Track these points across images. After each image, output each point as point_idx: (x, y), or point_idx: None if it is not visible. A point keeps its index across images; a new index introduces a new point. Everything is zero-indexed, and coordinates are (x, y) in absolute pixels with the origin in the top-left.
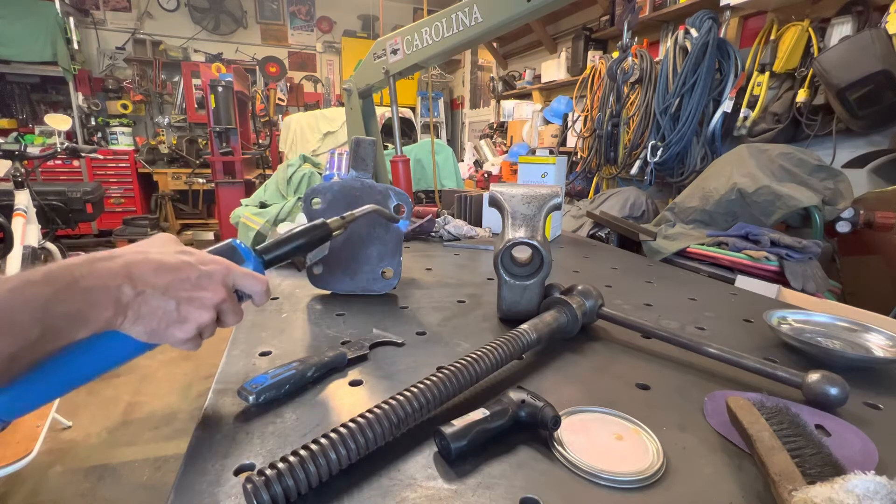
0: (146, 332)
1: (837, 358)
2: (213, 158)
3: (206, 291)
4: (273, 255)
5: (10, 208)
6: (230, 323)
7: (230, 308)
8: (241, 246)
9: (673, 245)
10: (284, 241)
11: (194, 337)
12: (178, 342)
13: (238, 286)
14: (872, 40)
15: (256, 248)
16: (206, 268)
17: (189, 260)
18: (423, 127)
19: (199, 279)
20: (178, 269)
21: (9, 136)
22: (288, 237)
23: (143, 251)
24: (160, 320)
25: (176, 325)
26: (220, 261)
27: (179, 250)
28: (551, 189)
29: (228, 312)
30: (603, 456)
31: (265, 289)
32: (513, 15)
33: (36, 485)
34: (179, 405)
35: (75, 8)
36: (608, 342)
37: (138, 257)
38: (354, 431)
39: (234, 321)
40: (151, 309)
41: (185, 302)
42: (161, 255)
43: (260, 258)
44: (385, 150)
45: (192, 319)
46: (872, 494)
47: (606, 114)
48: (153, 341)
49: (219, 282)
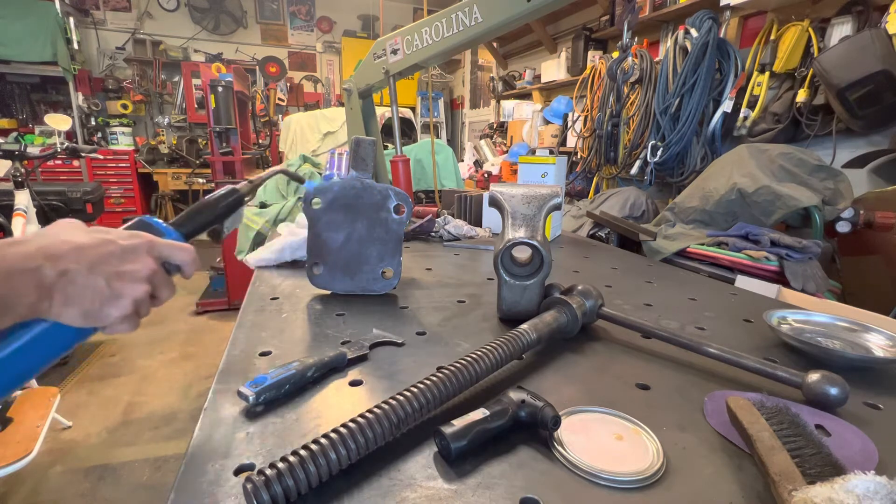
0: (80, 314)
1: (837, 358)
2: (213, 158)
3: (134, 264)
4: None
5: (10, 208)
6: (164, 297)
7: (162, 281)
8: (155, 220)
9: (673, 245)
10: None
11: (132, 314)
12: (115, 322)
13: (165, 258)
14: (872, 40)
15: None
16: (128, 241)
17: (107, 237)
18: (423, 127)
19: (124, 253)
20: (98, 246)
21: (9, 136)
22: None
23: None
24: (92, 299)
25: (111, 303)
26: (141, 234)
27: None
28: (551, 189)
29: (161, 285)
30: (603, 456)
31: (193, 257)
32: (513, 15)
33: (36, 485)
34: (179, 405)
35: (75, 8)
36: (608, 342)
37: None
38: (354, 431)
39: (168, 295)
40: (79, 289)
41: (114, 277)
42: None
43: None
44: (385, 150)
45: (127, 294)
46: (872, 494)
47: (606, 114)
48: (88, 324)
49: (144, 253)
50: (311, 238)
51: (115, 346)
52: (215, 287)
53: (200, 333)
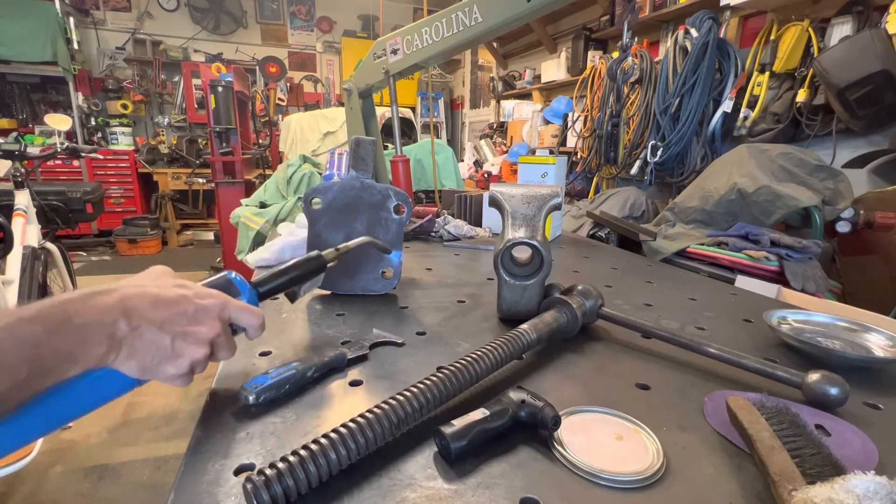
0: (138, 368)
1: (837, 358)
2: (213, 158)
3: (202, 326)
4: (268, 287)
5: (10, 208)
6: (223, 357)
7: (224, 342)
8: (236, 278)
9: (673, 245)
10: (280, 273)
11: (186, 373)
12: (168, 378)
13: (233, 320)
14: (872, 40)
15: (252, 280)
16: (203, 301)
17: (186, 293)
18: (423, 127)
19: (196, 313)
20: (175, 303)
21: (9, 136)
22: (283, 269)
23: (139, 284)
24: (153, 356)
25: (169, 361)
26: (217, 294)
27: (176, 283)
28: (551, 189)
29: (222, 347)
30: (603, 456)
31: (260, 322)
32: (513, 15)
33: (36, 485)
34: (179, 405)
35: (75, 8)
36: (608, 342)
37: (135, 290)
38: (354, 431)
39: (227, 355)
40: (145, 344)
41: (180, 337)
42: (158, 289)
43: (255, 290)
44: (385, 150)
45: (187, 355)
46: (872, 494)
47: (606, 114)
48: (144, 377)
49: (215, 316)
50: (311, 238)
51: None
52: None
53: None
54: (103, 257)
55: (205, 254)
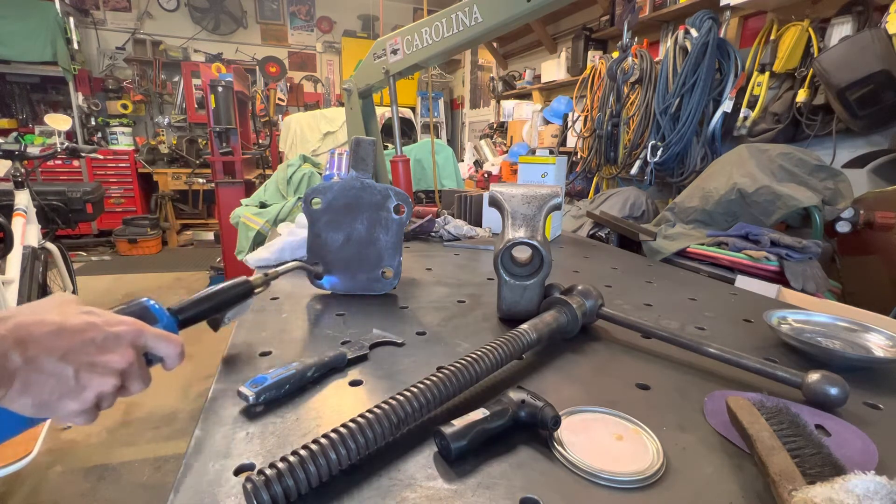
0: (33, 404)
1: (837, 358)
2: (213, 158)
3: (112, 354)
4: (189, 315)
5: (10, 208)
6: (134, 390)
7: (137, 373)
8: (153, 305)
9: (673, 245)
10: (202, 299)
11: (91, 408)
12: (70, 414)
13: (149, 348)
14: (872, 40)
15: (170, 307)
16: (115, 329)
17: (94, 321)
18: (423, 127)
19: (106, 341)
20: (81, 331)
21: (9, 136)
22: (206, 296)
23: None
24: (52, 390)
25: (71, 395)
26: (130, 321)
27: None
28: (551, 189)
29: (134, 378)
30: (603, 456)
31: (179, 351)
32: (513, 15)
33: (36, 485)
34: (179, 405)
35: (75, 8)
36: (608, 342)
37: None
38: (354, 431)
39: (139, 388)
40: (43, 378)
41: (85, 368)
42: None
43: (175, 318)
44: (385, 150)
45: (92, 387)
46: (872, 494)
47: (606, 114)
48: (41, 415)
49: (128, 343)
50: (311, 238)
51: None
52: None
53: (200, 333)
54: (103, 257)
55: (205, 254)
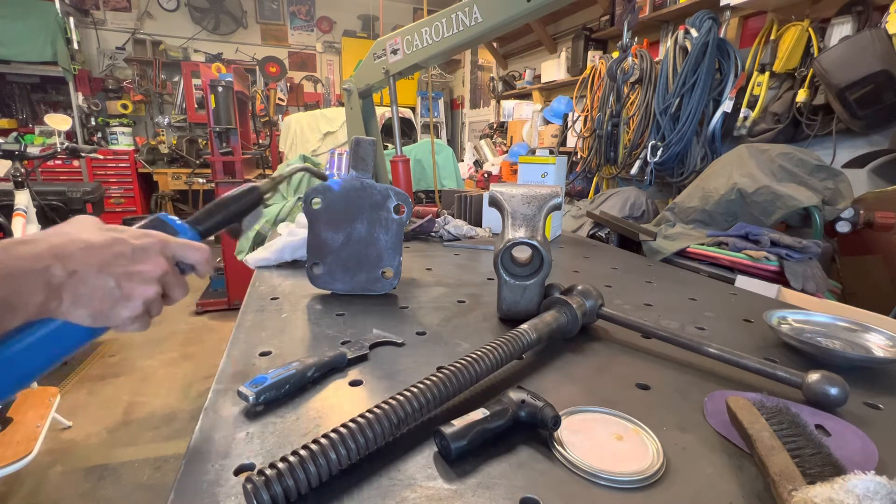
0: (89, 314)
1: (837, 358)
2: (213, 158)
3: (145, 265)
4: (207, 225)
5: (10, 208)
6: (177, 297)
7: (174, 280)
8: (170, 218)
9: (673, 245)
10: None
11: (142, 314)
12: (125, 322)
13: (178, 257)
14: (872, 40)
15: (187, 220)
16: (140, 241)
17: (120, 236)
18: (423, 127)
19: (135, 253)
20: (109, 246)
21: (9, 136)
22: (218, 203)
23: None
24: (102, 300)
25: (121, 304)
26: (154, 233)
27: (105, 228)
28: (551, 189)
29: (173, 286)
30: (603, 456)
31: (207, 257)
32: (513, 15)
33: (36, 485)
34: (179, 405)
35: (75, 8)
36: (608, 342)
37: (62, 238)
38: (354, 431)
39: (180, 294)
40: (90, 289)
41: (124, 278)
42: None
43: (194, 229)
44: (385, 150)
45: (137, 295)
46: (872, 494)
47: (606, 114)
48: (99, 324)
49: (157, 253)
50: (311, 238)
51: (115, 346)
52: (215, 287)
53: (200, 333)
54: None
55: None
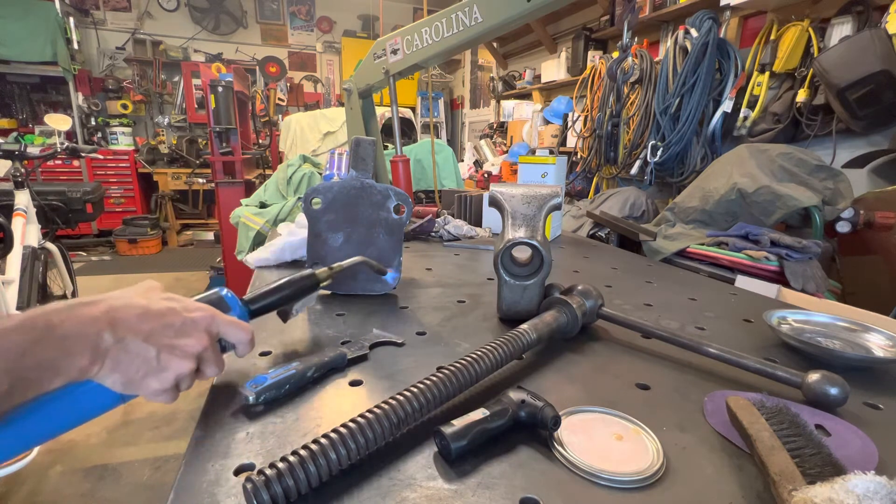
0: (122, 381)
1: (837, 358)
2: (213, 158)
3: (189, 339)
4: (260, 305)
5: (10, 208)
6: (209, 374)
7: (212, 357)
8: (227, 295)
9: (673, 245)
10: (273, 290)
11: (171, 388)
12: (153, 393)
13: (222, 334)
14: (872, 40)
15: (243, 297)
16: (192, 315)
17: (174, 306)
18: (423, 127)
19: (184, 326)
20: (163, 315)
21: (9, 136)
22: (276, 287)
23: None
24: (138, 369)
25: (153, 375)
26: (206, 308)
27: (165, 296)
28: (551, 189)
29: (210, 362)
30: (603, 456)
31: (250, 338)
32: (513, 15)
33: (36, 485)
34: (179, 405)
35: (75, 8)
36: (608, 342)
37: (122, 301)
38: (354, 431)
39: (214, 372)
40: (130, 357)
41: (165, 350)
42: (147, 301)
43: (246, 307)
44: (385, 150)
45: (172, 368)
46: (872, 494)
47: (606, 114)
48: (128, 391)
49: (203, 329)
50: (311, 238)
51: None
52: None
53: None
54: (103, 257)
55: (205, 254)
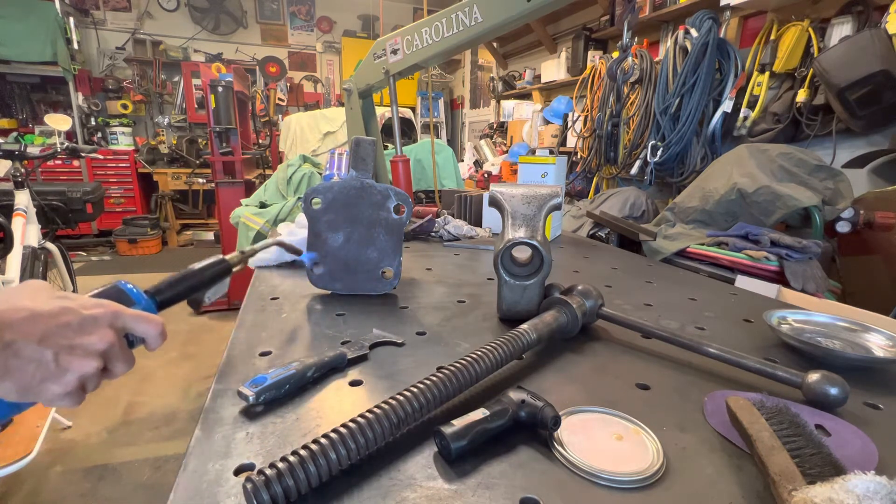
0: (16, 389)
1: (837, 358)
2: (213, 158)
3: (90, 336)
4: (167, 296)
5: (10, 208)
6: (119, 372)
7: (120, 354)
8: (128, 287)
9: (673, 245)
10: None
11: (75, 390)
12: (55, 398)
13: (128, 329)
14: (872, 40)
15: (147, 289)
16: (90, 311)
17: (69, 305)
18: (423, 127)
19: (83, 324)
20: (56, 316)
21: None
22: (182, 276)
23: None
24: (33, 374)
25: (53, 379)
26: (107, 303)
27: (56, 295)
28: (551, 189)
29: (117, 359)
30: (603, 456)
31: (160, 330)
32: (513, 15)
33: (36, 485)
34: (179, 405)
35: (75, 8)
36: (608, 342)
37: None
38: (354, 431)
39: (123, 369)
40: (23, 362)
41: (65, 351)
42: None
43: (152, 299)
44: (385, 150)
45: (74, 369)
46: (872, 494)
47: (606, 114)
48: (24, 400)
49: (106, 325)
50: (311, 238)
51: None
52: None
53: (200, 333)
54: (103, 257)
55: (205, 254)
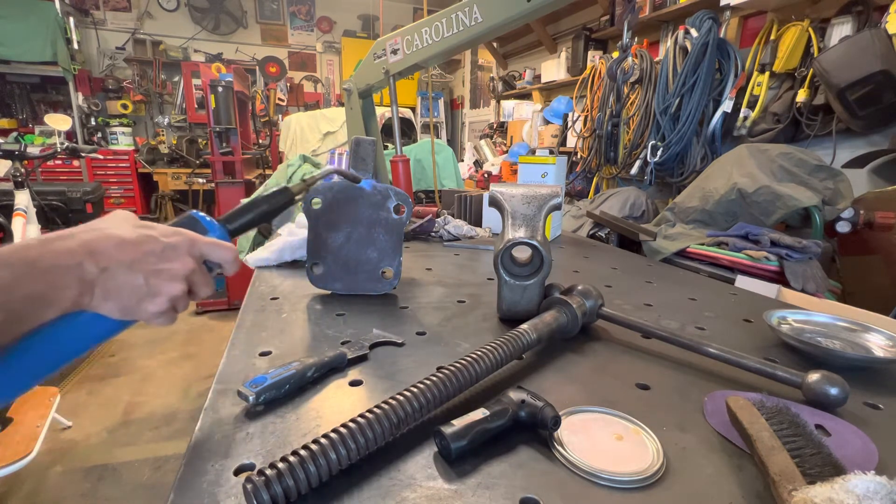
0: (118, 308)
1: (837, 358)
2: (213, 158)
3: (173, 263)
4: (238, 224)
5: (10, 208)
6: (202, 294)
7: (201, 279)
8: (202, 217)
9: (673, 245)
10: (247, 208)
11: (168, 310)
12: (151, 316)
13: (205, 256)
14: (872, 40)
15: (219, 217)
16: (170, 240)
17: (151, 233)
18: (423, 127)
19: (165, 251)
20: (140, 243)
21: (9, 136)
22: (250, 204)
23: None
24: (130, 295)
25: (148, 300)
26: (184, 232)
27: (139, 224)
28: (551, 189)
29: (199, 283)
30: (603, 456)
31: (234, 256)
32: (513, 15)
33: (36, 485)
34: (179, 405)
35: (75, 8)
36: (608, 342)
37: (96, 234)
38: (354, 431)
39: (205, 292)
40: (119, 284)
41: (153, 275)
42: (120, 231)
43: (224, 227)
44: (385, 150)
45: (164, 292)
46: (872, 494)
47: (606, 114)
48: (127, 318)
49: (185, 252)
50: (311, 238)
51: (115, 346)
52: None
53: (200, 333)
54: None
55: None
